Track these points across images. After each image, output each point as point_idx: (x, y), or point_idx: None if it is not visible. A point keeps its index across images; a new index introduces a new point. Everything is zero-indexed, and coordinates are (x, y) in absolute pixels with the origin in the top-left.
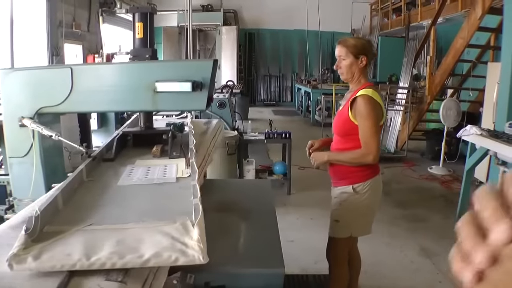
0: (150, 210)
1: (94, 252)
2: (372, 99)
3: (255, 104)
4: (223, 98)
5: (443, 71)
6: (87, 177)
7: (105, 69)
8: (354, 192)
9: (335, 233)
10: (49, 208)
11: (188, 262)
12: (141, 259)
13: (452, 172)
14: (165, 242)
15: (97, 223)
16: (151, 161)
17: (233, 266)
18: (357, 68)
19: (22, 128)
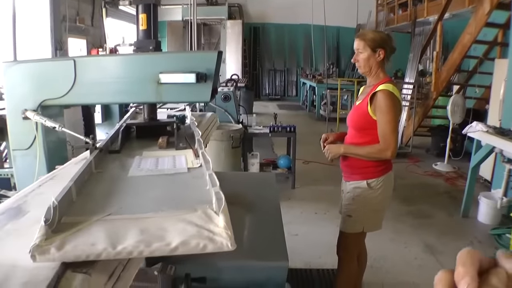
0: (166, 200)
1: (119, 241)
2: (393, 95)
3: (260, 98)
4: (227, 91)
5: (449, 67)
6: (96, 169)
7: (108, 61)
8: (368, 188)
9: (347, 228)
10: (64, 199)
11: (217, 249)
12: (169, 247)
13: (457, 169)
14: (191, 230)
15: (115, 213)
16: (158, 152)
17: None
18: (375, 61)
19: (25, 121)
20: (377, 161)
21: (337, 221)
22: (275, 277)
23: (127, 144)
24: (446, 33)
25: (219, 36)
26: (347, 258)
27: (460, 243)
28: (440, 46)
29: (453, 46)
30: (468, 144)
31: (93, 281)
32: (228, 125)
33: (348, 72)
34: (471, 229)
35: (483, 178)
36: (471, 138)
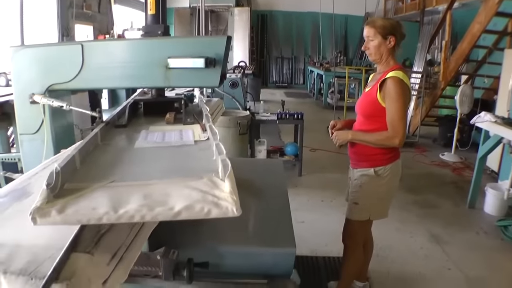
0: (172, 169)
1: (121, 205)
2: (403, 82)
3: (267, 86)
4: (235, 78)
5: (458, 57)
6: (101, 141)
7: (116, 46)
8: (375, 175)
9: (353, 215)
10: (68, 166)
11: (221, 214)
12: (172, 211)
13: (464, 159)
14: (195, 195)
15: (119, 180)
16: (166, 127)
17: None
18: (386, 48)
19: (33, 105)
20: (385, 149)
21: (344, 209)
22: (283, 264)
23: (135, 119)
24: (455, 22)
25: (226, 23)
26: (353, 246)
27: (466, 234)
28: (449, 35)
29: (462, 36)
30: (475, 134)
31: (96, 260)
32: (236, 111)
33: (355, 61)
34: (477, 220)
35: (490, 169)
36: (478, 129)
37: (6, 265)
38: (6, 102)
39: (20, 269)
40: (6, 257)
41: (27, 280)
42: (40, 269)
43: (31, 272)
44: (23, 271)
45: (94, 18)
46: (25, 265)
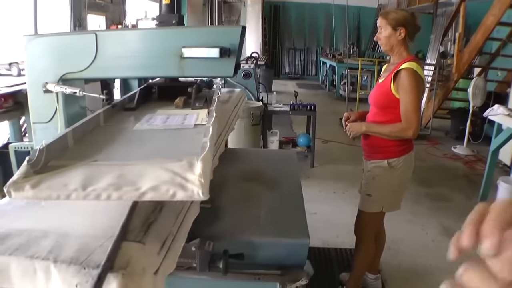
0: (160, 150)
1: (91, 183)
2: (417, 74)
3: (279, 77)
4: (248, 69)
5: (471, 49)
6: (104, 122)
7: (130, 35)
8: (388, 167)
9: (366, 207)
10: (57, 144)
11: (187, 197)
12: (138, 192)
13: (476, 152)
14: (165, 176)
15: (103, 159)
16: (172, 110)
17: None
18: (396, 40)
19: (46, 94)
20: (398, 141)
21: (356, 201)
22: (296, 254)
23: (147, 103)
24: (468, 14)
25: (239, 14)
26: (365, 238)
27: None
28: (462, 27)
29: (475, 28)
30: (487, 127)
31: (147, 249)
32: (248, 102)
33: (368, 52)
34: None
35: (503, 162)
36: (491, 122)
37: (55, 253)
38: (18, 91)
39: (70, 257)
40: (54, 245)
41: (79, 269)
42: (92, 258)
43: (83, 261)
44: (74, 260)
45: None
46: (75, 254)
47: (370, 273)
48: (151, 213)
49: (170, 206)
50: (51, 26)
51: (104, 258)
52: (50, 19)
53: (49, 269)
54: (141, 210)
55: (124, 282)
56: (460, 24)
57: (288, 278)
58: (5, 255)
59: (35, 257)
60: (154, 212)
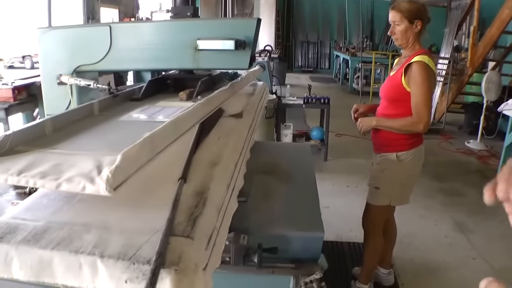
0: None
1: (27, 170)
2: (428, 67)
3: (292, 70)
4: (262, 61)
5: (486, 43)
6: (100, 112)
7: (145, 27)
8: (397, 160)
9: (374, 200)
10: (31, 131)
11: (94, 191)
12: (55, 182)
13: (490, 147)
14: (87, 168)
15: (61, 147)
16: (173, 103)
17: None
18: (412, 33)
19: (60, 86)
20: (408, 134)
21: None
22: (310, 248)
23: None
24: (482, 8)
25: (252, 7)
26: (373, 231)
27: (491, 223)
28: (477, 21)
29: (489, 22)
30: (502, 122)
31: (196, 244)
32: None
33: (382, 46)
34: (503, 209)
35: None
36: (505, 117)
37: (101, 248)
38: (32, 83)
39: (118, 252)
40: (98, 240)
41: (129, 265)
42: (141, 253)
43: (132, 257)
44: (122, 255)
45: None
46: (122, 249)
47: (382, 267)
48: (195, 208)
49: (212, 201)
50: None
51: (155, 253)
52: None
53: (96, 264)
54: (183, 204)
55: (178, 278)
56: (475, 17)
57: (302, 272)
58: (47, 250)
59: (80, 252)
60: (198, 206)
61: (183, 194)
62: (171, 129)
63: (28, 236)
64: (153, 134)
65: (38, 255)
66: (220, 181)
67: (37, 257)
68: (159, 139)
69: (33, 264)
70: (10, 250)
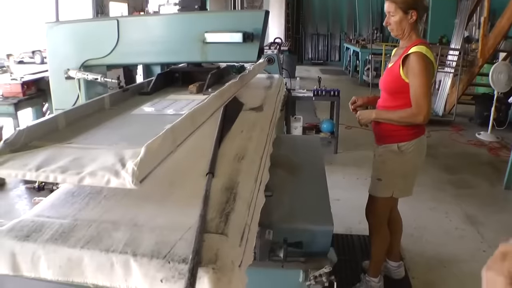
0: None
1: (45, 165)
2: (426, 57)
3: (302, 63)
4: (271, 54)
5: (497, 33)
6: (111, 106)
7: (152, 21)
8: (399, 151)
9: (376, 191)
10: (44, 126)
11: (119, 184)
12: (78, 176)
13: (501, 139)
14: (109, 162)
15: (77, 142)
16: (184, 96)
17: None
18: (407, 23)
19: (68, 81)
20: (409, 125)
21: None
22: (320, 241)
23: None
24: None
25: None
26: (377, 223)
27: (502, 216)
28: (487, 11)
29: (500, 13)
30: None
31: (231, 241)
32: None
33: (392, 37)
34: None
35: None
36: None
37: (133, 246)
38: (41, 78)
39: (151, 251)
40: (129, 238)
41: (164, 264)
42: (175, 251)
43: (166, 255)
44: (156, 254)
45: None
46: (155, 247)
47: (391, 260)
48: (226, 203)
49: (242, 196)
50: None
51: (191, 251)
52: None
53: (128, 263)
54: (213, 200)
55: (217, 277)
56: (485, 8)
57: (312, 265)
58: (76, 248)
59: (111, 251)
60: (229, 202)
61: (212, 189)
62: (189, 121)
63: (55, 234)
64: (174, 127)
65: (67, 254)
66: (247, 176)
67: (65, 256)
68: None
69: (62, 264)
70: (37, 249)
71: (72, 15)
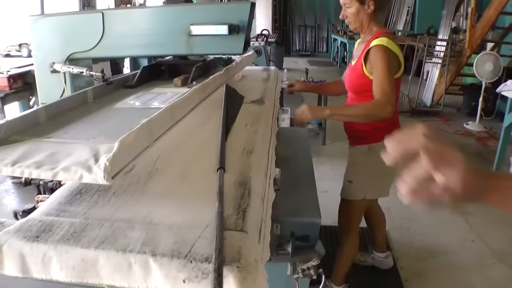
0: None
1: (22, 160)
2: (387, 49)
3: (290, 54)
4: (258, 46)
5: (484, 24)
6: (94, 99)
7: (137, 13)
8: (370, 152)
9: (347, 194)
10: (25, 120)
11: (92, 180)
12: (52, 172)
13: (489, 129)
14: (84, 157)
15: (56, 136)
16: (169, 89)
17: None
18: (365, 14)
19: (53, 74)
20: (380, 123)
21: None
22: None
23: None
24: None
25: None
26: (348, 226)
27: None
28: (475, 2)
29: (487, 4)
30: (500, 103)
31: (251, 238)
32: None
33: None
34: None
35: None
36: (504, 98)
37: (151, 246)
38: (28, 72)
39: (171, 250)
40: (146, 237)
41: (185, 263)
42: (196, 250)
43: (187, 254)
44: (176, 253)
45: None
46: (175, 246)
47: (378, 252)
48: (241, 199)
49: (256, 191)
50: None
51: (213, 250)
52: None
53: (148, 263)
54: (227, 196)
55: (242, 276)
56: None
57: (299, 259)
58: (90, 249)
59: (128, 251)
60: (244, 198)
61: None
62: (168, 115)
63: (67, 234)
64: (150, 121)
65: (81, 254)
66: (258, 170)
67: (79, 257)
68: (156, 126)
69: (75, 265)
70: (48, 250)
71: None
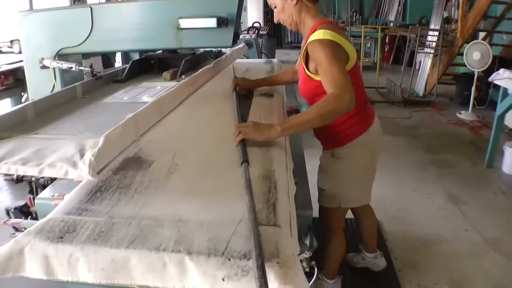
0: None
1: (9, 157)
2: (325, 41)
3: (282, 47)
4: (249, 38)
5: (476, 13)
6: (83, 95)
7: (126, 7)
8: (333, 158)
9: (322, 202)
10: (13, 116)
11: (78, 176)
12: (38, 168)
13: (481, 118)
14: (69, 152)
15: (43, 132)
16: (158, 83)
17: None
18: (291, 8)
19: (43, 70)
20: (344, 124)
21: None
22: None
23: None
24: None
25: None
26: (331, 233)
27: (484, 194)
28: None
29: None
30: (493, 92)
31: (285, 233)
32: None
33: (371, 19)
34: (495, 180)
35: (508, 127)
36: (496, 87)
37: (186, 244)
38: (19, 68)
39: (207, 248)
40: (178, 234)
41: (224, 261)
42: (232, 247)
43: (224, 252)
44: (212, 251)
45: None
46: (210, 243)
47: (367, 252)
48: (269, 193)
49: (281, 184)
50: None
51: (251, 247)
52: None
53: (183, 262)
54: (254, 190)
55: (283, 271)
56: None
57: None
58: (121, 249)
59: (162, 249)
60: (271, 192)
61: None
62: (154, 109)
63: (93, 234)
64: (136, 115)
65: (110, 255)
66: (279, 164)
67: (109, 258)
68: (143, 120)
69: (105, 266)
70: (74, 251)
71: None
